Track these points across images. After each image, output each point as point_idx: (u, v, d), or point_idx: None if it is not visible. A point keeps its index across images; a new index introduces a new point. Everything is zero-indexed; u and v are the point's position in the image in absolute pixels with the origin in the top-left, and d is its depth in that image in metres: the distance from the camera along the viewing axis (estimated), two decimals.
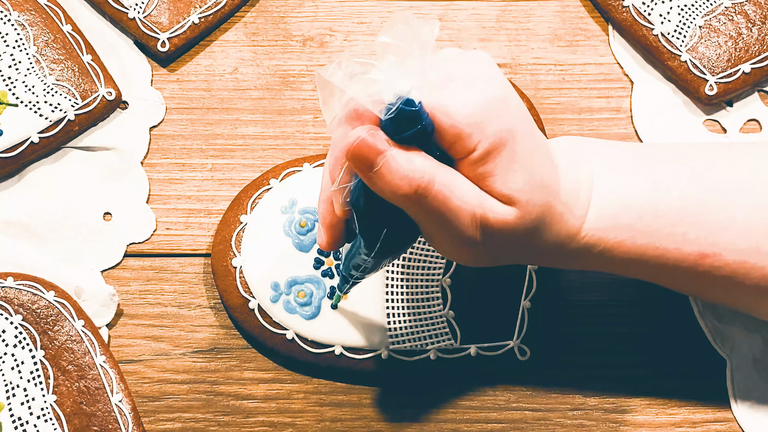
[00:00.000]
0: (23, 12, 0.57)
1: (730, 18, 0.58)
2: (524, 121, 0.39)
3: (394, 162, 0.36)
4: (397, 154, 0.36)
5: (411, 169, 0.37)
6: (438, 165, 0.38)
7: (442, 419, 0.53)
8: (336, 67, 0.36)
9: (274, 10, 0.60)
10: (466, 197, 0.38)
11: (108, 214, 0.56)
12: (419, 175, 0.37)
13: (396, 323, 0.52)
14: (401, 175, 0.36)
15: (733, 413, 0.53)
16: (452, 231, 0.39)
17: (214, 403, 0.53)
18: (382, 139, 0.36)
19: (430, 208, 0.38)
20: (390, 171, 0.36)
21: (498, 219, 0.39)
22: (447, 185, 0.38)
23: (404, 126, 0.36)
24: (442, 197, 0.37)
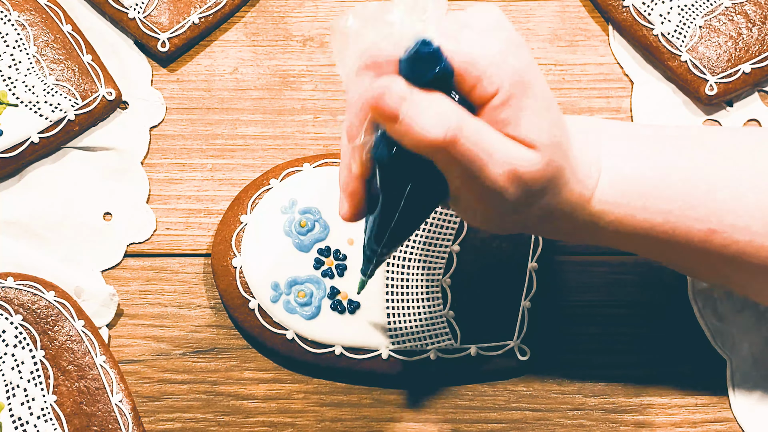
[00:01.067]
0: (23, 12, 0.57)
1: (730, 18, 0.58)
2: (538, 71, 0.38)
3: (420, 108, 0.34)
4: (423, 99, 0.35)
5: (438, 114, 0.35)
6: (465, 111, 0.36)
7: (442, 419, 0.53)
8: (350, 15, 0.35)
9: (274, 10, 0.60)
10: (495, 145, 0.36)
11: (108, 214, 0.56)
12: (447, 120, 0.35)
13: (396, 323, 0.52)
14: (429, 122, 0.34)
15: (733, 413, 0.53)
16: (480, 183, 0.37)
17: (214, 403, 0.53)
18: (404, 85, 0.35)
19: (459, 158, 0.36)
20: (417, 118, 0.34)
21: (525, 166, 0.37)
22: (475, 132, 0.36)
23: (424, 68, 0.35)
24: (473, 143, 0.35)
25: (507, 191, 0.38)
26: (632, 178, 0.43)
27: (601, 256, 0.55)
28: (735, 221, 0.43)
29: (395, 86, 0.35)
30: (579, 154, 0.41)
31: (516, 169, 0.37)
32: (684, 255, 0.45)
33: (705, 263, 0.45)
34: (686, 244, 0.44)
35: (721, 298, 0.54)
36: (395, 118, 0.35)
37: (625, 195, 0.43)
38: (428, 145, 0.35)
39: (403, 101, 0.34)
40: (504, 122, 0.37)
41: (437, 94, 0.35)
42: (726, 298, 0.54)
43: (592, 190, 0.42)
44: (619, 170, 0.43)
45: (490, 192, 0.38)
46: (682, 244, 0.44)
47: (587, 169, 0.42)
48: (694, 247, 0.44)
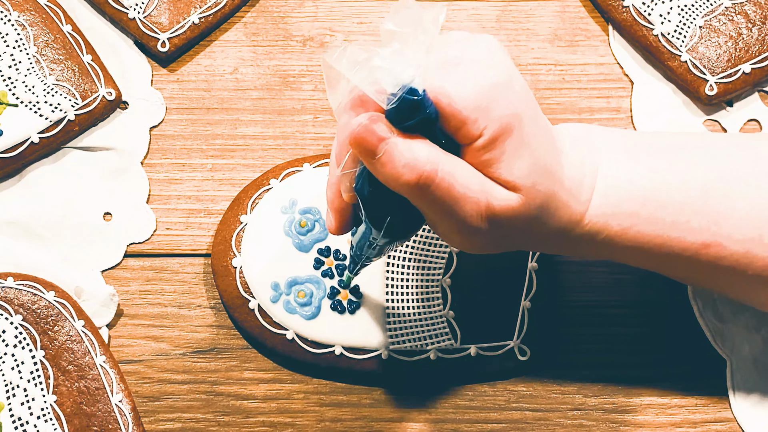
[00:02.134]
0: (23, 12, 0.57)
1: (730, 18, 0.58)
2: (529, 105, 0.39)
3: (397, 150, 0.36)
4: (399, 143, 0.36)
5: (413, 157, 0.36)
6: (442, 153, 0.37)
7: (442, 419, 0.53)
8: (341, 52, 0.35)
9: (274, 10, 0.60)
10: (470, 185, 0.38)
11: (108, 214, 0.56)
12: (422, 163, 0.36)
13: (396, 323, 0.52)
14: (403, 164, 0.36)
15: (733, 413, 0.53)
16: (456, 219, 0.38)
17: (214, 403, 0.53)
18: (384, 127, 0.36)
19: (433, 197, 0.37)
20: (392, 159, 0.36)
21: (502, 206, 0.38)
22: (451, 173, 0.37)
23: (408, 115, 0.36)
24: (446, 186, 0.37)
25: (481, 229, 0.39)
26: (625, 192, 0.43)
27: None
28: (729, 233, 0.43)
29: (373, 126, 0.36)
30: (573, 172, 0.42)
31: (491, 209, 0.38)
32: (679, 266, 0.45)
33: (700, 274, 0.46)
34: (680, 256, 0.44)
35: (721, 299, 0.54)
36: (373, 155, 0.36)
37: (618, 209, 0.43)
38: (402, 185, 0.37)
39: (380, 142, 0.36)
40: (486, 163, 0.38)
41: (417, 137, 0.37)
42: (726, 298, 0.54)
43: (585, 207, 0.42)
44: (612, 184, 0.43)
45: (466, 227, 0.39)
46: (676, 256, 0.44)
47: (580, 186, 0.42)
48: (688, 258, 0.44)
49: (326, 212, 0.43)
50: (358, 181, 0.39)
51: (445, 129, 0.37)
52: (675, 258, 0.44)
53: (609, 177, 0.43)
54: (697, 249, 0.44)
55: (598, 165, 0.43)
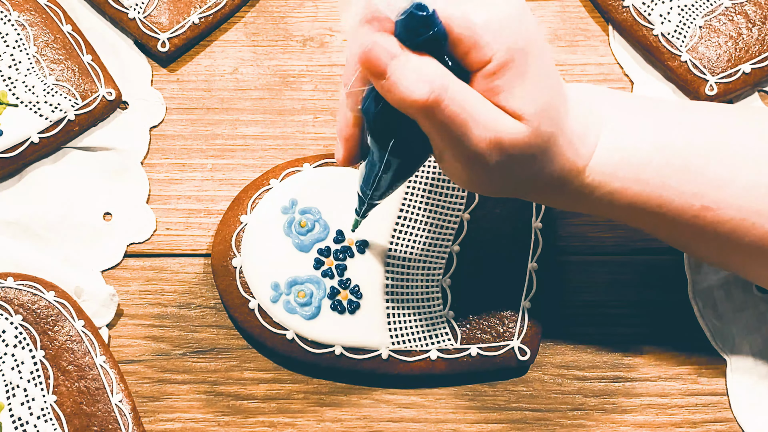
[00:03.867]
0: (23, 12, 0.57)
1: (730, 18, 0.58)
2: (539, 42, 0.38)
3: (407, 68, 0.35)
4: (409, 60, 0.35)
5: (423, 75, 0.35)
6: (452, 76, 0.36)
7: (442, 419, 0.53)
8: None
9: (274, 10, 0.60)
10: (479, 110, 0.37)
11: (108, 214, 0.56)
12: (432, 82, 0.35)
13: (396, 323, 0.52)
14: (414, 82, 0.35)
15: (733, 413, 0.53)
16: (463, 147, 0.38)
17: (214, 403, 0.53)
18: (395, 44, 0.35)
19: (441, 120, 0.36)
20: (402, 77, 0.35)
21: (510, 136, 0.38)
22: (460, 96, 0.36)
23: (416, 31, 0.35)
24: (455, 108, 0.36)
25: (489, 157, 0.38)
26: (628, 151, 0.43)
27: (601, 256, 0.55)
28: (728, 199, 0.43)
29: (386, 44, 0.35)
30: (576, 124, 0.41)
31: (499, 137, 0.38)
32: (676, 230, 0.45)
33: (697, 239, 0.45)
34: (679, 218, 0.44)
35: (721, 298, 0.54)
36: (382, 75, 0.36)
37: (620, 167, 0.43)
38: (411, 104, 0.36)
39: (391, 59, 0.35)
40: (494, 91, 0.37)
41: (427, 56, 0.36)
42: (726, 298, 0.54)
43: (587, 160, 0.42)
44: (616, 142, 0.43)
45: (472, 156, 0.38)
46: (674, 219, 0.44)
47: (584, 140, 0.42)
48: (686, 222, 0.44)
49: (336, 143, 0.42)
50: (365, 102, 0.39)
51: (455, 52, 0.37)
52: (673, 220, 0.44)
53: (613, 134, 0.43)
54: (695, 212, 0.44)
55: (603, 122, 0.43)
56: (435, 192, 0.54)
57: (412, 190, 0.54)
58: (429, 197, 0.54)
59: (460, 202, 0.54)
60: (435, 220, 0.53)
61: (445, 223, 0.53)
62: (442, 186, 0.54)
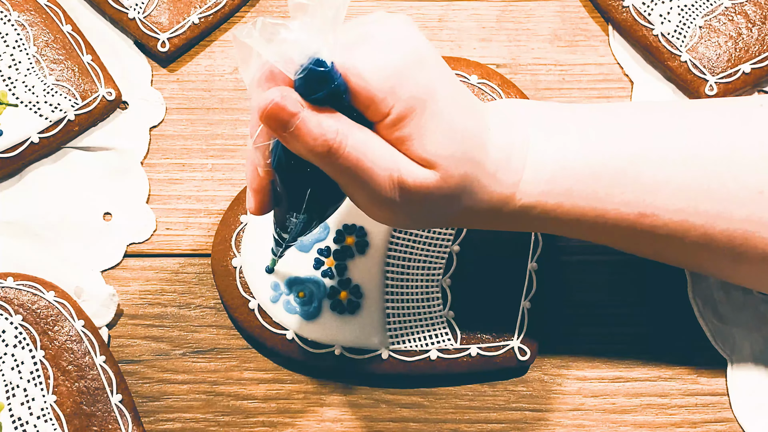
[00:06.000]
0: (23, 12, 0.57)
1: (730, 18, 0.58)
2: (444, 81, 0.39)
3: (306, 123, 0.36)
4: (308, 115, 0.36)
5: (322, 129, 0.37)
6: (352, 125, 0.37)
7: (442, 419, 0.53)
8: (251, 27, 0.36)
9: (274, 10, 0.60)
10: (380, 158, 0.38)
11: (108, 214, 0.56)
12: (331, 134, 0.37)
13: (396, 323, 0.52)
14: (313, 135, 0.36)
15: (733, 413, 0.53)
16: (369, 190, 0.39)
17: (214, 403, 0.53)
18: (295, 100, 0.36)
19: (343, 168, 0.38)
20: (302, 131, 0.36)
21: (416, 182, 0.39)
22: (360, 145, 0.37)
23: (316, 86, 0.36)
24: (355, 157, 0.37)
25: (396, 200, 0.39)
26: (556, 168, 0.43)
27: (601, 256, 0.55)
28: (664, 203, 0.43)
29: (283, 101, 0.36)
30: (498, 153, 0.41)
31: (402, 181, 0.39)
32: (615, 237, 0.45)
33: (637, 243, 0.45)
34: (617, 226, 0.44)
35: (721, 298, 0.54)
36: (285, 129, 0.37)
37: (549, 185, 0.42)
38: (313, 156, 0.37)
39: (290, 116, 0.36)
40: (399, 141, 0.38)
41: (326, 110, 0.37)
42: (726, 298, 0.54)
43: (515, 187, 0.42)
44: (542, 161, 0.42)
45: (380, 199, 0.39)
46: (612, 227, 0.44)
47: (508, 167, 0.42)
48: (624, 229, 0.44)
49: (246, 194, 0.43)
50: (273, 155, 0.40)
51: (356, 106, 0.38)
52: (611, 229, 0.44)
53: (541, 153, 0.43)
54: (633, 219, 0.43)
55: (529, 140, 0.43)
56: None
57: None
58: None
59: None
60: None
61: None
62: None
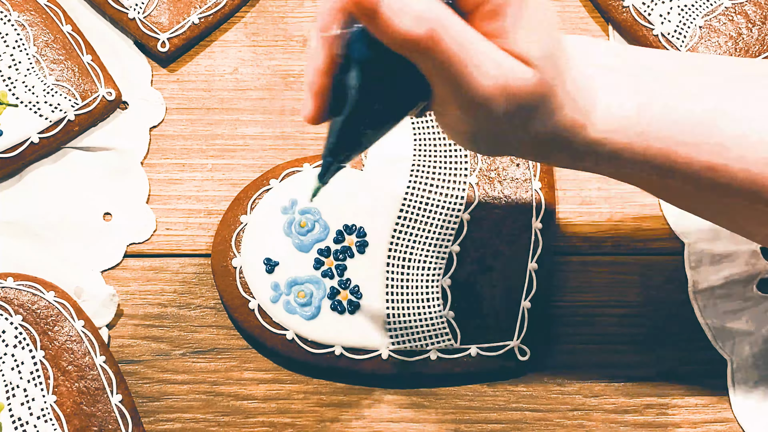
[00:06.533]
0: (23, 12, 0.57)
1: (730, 18, 0.58)
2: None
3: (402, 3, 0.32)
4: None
5: (422, 9, 0.32)
6: (451, 12, 0.33)
7: (442, 419, 0.53)
8: None
9: (274, 10, 0.60)
10: (483, 52, 0.34)
11: (108, 214, 0.56)
12: (430, 16, 0.32)
13: (396, 323, 0.52)
14: (411, 16, 0.32)
15: (733, 413, 0.53)
16: (466, 92, 0.35)
17: (214, 403, 0.53)
18: None
19: (441, 60, 0.33)
20: (396, 13, 0.32)
21: (518, 80, 0.35)
22: (461, 36, 0.33)
23: None
24: (456, 48, 0.33)
25: (494, 104, 0.36)
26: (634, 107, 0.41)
27: (601, 257, 0.55)
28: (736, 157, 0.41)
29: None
30: (578, 76, 0.39)
31: (507, 82, 0.35)
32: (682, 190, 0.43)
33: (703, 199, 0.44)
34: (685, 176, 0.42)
35: (721, 299, 0.54)
36: (374, 11, 0.32)
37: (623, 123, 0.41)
38: (408, 42, 0.33)
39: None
40: (496, 33, 0.35)
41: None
42: (726, 298, 0.54)
43: (590, 115, 0.40)
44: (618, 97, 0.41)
45: (476, 104, 0.36)
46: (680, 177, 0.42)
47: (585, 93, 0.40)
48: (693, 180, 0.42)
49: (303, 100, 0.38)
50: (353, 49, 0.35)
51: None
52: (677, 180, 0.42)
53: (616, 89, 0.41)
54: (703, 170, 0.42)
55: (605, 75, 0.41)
56: (435, 192, 0.54)
57: (412, 190, 0.54)
58: (429, 197, 0.54)
59: (460, 202, 0.54)
60: (435, 220, 0.53)
61: (445, 223, 0.53)
62: (442, 186, 0.54)
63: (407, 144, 0.55)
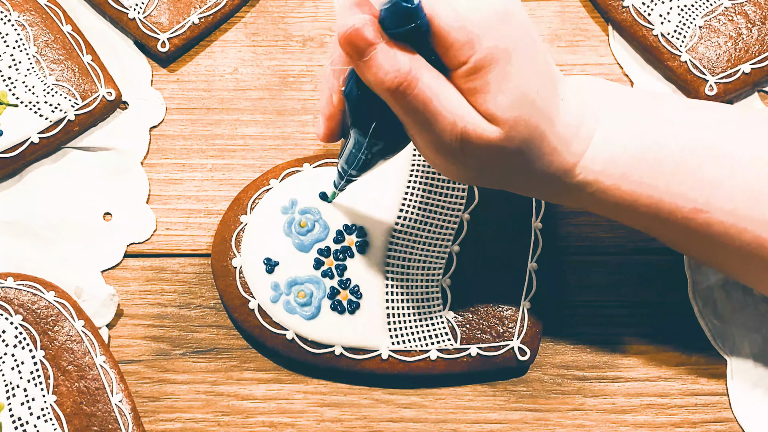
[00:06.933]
0: (23, 12, 0.57)
1: (730, 18, 0.58)
2: (526, 41, 0.39)
3: (381, 54, 0.37)
4: (385, 48, 0.37)
5: (396, 63, 0.37)
6: (427, 67, 0.38)
7: (442, 419, 0.53)
8: None
9: (274, 10, 0.60)
10: (449, 104, 0.38)
11: (108, 214, 0.56)
12: (404, 70, 0.37)
13: (396, 323, 0.52)
14: (386, 68, 0.37)
15: (733, 413, 0.53)
16: (432, 136, 0.39)
17: (214, 403, 0.53)
18: (375, 31, 0.37)
19: (411, 107, 0.38)
20: (376, 63, 0.37)
21: (478, 135, 0.39)
22: (431, 87, 0.38)
23: (399, 21, 0.37)
24: (424, 98, 0.38)
25: (457, 150, 0.39)
26: (620, 148, 0.43)
27: (601, 256, 0.55)
28: (721, 202, 0.43)
29: (364, 29, 0.37)
30: (569, 119, 0.41)
31: (467, 132, 0.39)
32: (668, 230, 0.45)
33: (689, 240, 0.45)
34: (670, 219, 0.44)
35: (721, 298, 0.54)
36: (360, 57, 0.37)
37: (611, 164, 0.43)
38: (383, 90, 0.38)
39: (367, 45, 0.37)
40: (470, 91, 0.38)
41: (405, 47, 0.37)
42: (726, 298, 0.54)
43: (578, 157, 0.42)
44: (608, 138, 0.43)
45: (442, 146, 0.40)
46: (666, 219, 0.44)
47: (575, 135, 0.42)
48: (677, 222, 0.44)
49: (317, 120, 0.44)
50: (347, 82, 0.40)
51: (436, 49, 0.38)
52: (664, 221, 0.44)
53: (608, 132, 0.43)
54: (687, 214, 0.43)
55: (597, 117, 0.43)
56: (435, 192, 0.54)
57: (412, 190, 0.54)
58: (429, 197, 0.54)
59: (460, 202, 0.54)
60: (435, 220, 0.53)
61: (445, 223, 0.53)
62: (442, 186, 0.54)
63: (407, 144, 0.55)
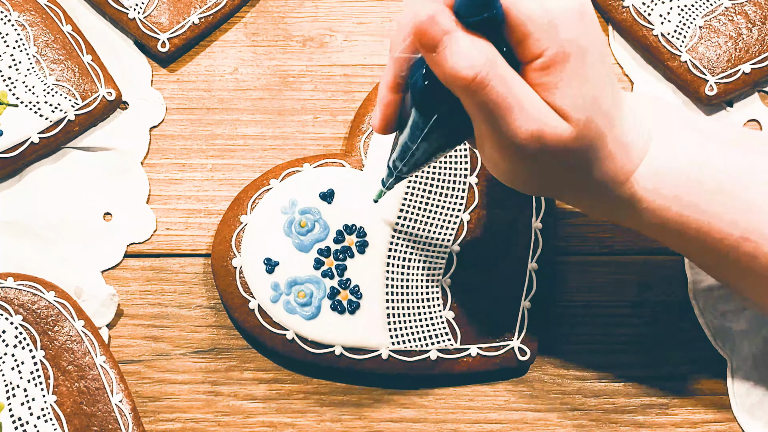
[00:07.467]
0: (23, 12, 0.57)
1: (730, 18, 0.58)
2: (596, 41, 0.38)
3: (458, 45, 0.35)
4: (462, 37, 0.35)
5: (471, 54, 0.35)
6: (502, 60, 0.36)
7: (442, 419, 0.53)
8: None
9: (274, 11, 0.60)
10: (525, 100, 0.37)
11: (108, 214, 0.56)
12: (479, 63, 0.35)
13: (396, 323, 0.52)
14: (462, 59, 0.35)
15: (733, 413, 0.53)
16: (503, 134, 0.37)
17: (214, 403, 0.53)
18: (451, 19, 0.35)
19: (485, 102, 0.36)
20: (452, 53, 0.35)
21: (553, 133, 0.37)
22: (507, 82, 0.36)
23: (475, 9, 0.35)
24: (500, 92, 0.36)
25: (528, 150, 0.38)
26: (673, 168, 0.42)
27: (601, 257, 0.55)
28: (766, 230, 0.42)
29: (441, 19, 0.35)
30: (626, 132, 0.41)
31: (542, 130, 0.37)
32: (713, 257, 0.44)
33: (733, 270, 0.45)
34: (717, 246, 0.43)
35: (721, 298, 0.54)
36: (433, 48, 0.35)
37: (663, 184, 0.42)
38: (456, 81, 0.36)
39: (444, 34, 0.35)
40: (542, 87, 0.37)
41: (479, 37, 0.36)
42: (726, 298, 0.54)
43: (631, 172, 0.41)
44: (661, 157, 0.42)
45: (512, 146, 0.38)
46: (712, 246, 0.43)
47: (630, 150, 0.41)
48: (724, 250, 0.43)
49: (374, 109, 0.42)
50: (413, 73, 0.39)
51: (510, 41, 0.37)
52: (711, 247, 0.43)
53: (660, 149, 0.42)
54: (734, 242, 0.43)
55: (651, 135, 0.42)
56: (435, 192, 0.54)
57: (412, 190, 0.54)
58: (429, 197, 0.54)
59: (460, 202, 0.54)
60: (435, 220, 0.53)
61: (445, 223, 0.53)
62: (442, 186, 0.54)
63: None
